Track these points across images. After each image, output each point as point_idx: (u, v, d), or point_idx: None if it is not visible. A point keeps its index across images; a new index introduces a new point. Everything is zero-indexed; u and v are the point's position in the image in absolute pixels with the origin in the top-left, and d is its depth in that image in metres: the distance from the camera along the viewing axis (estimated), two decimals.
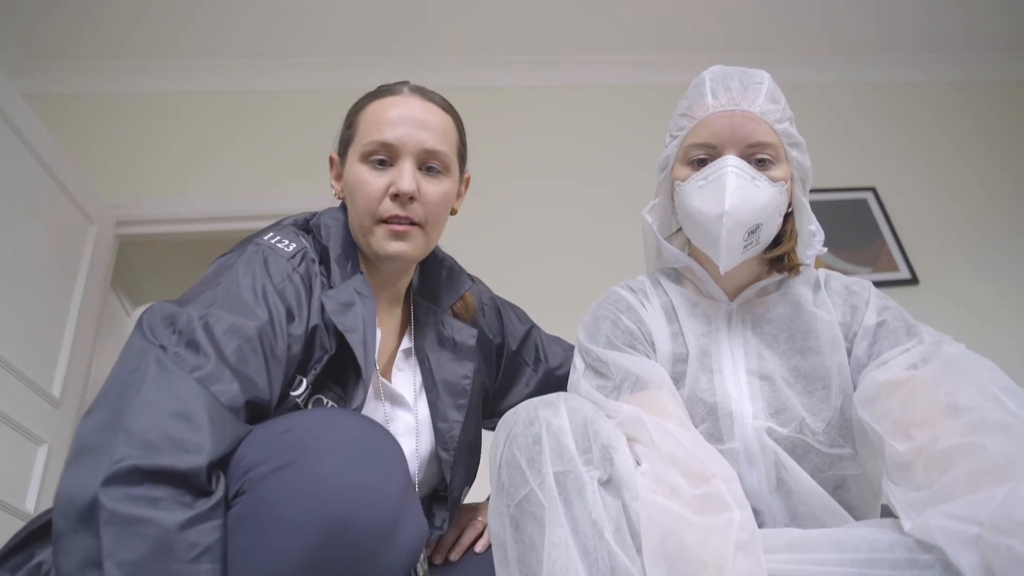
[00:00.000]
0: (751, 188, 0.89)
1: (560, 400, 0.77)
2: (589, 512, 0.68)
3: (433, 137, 0.98)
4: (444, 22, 2.79)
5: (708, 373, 0.93)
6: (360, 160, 0.97)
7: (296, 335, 0.83)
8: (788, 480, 0.86)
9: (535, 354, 1.20)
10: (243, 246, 0.90)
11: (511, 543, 0.71)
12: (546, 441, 0.72)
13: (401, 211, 0.95)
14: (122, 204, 2.46)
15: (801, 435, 0.87)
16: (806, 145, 0.98)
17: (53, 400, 1.91)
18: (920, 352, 0.84)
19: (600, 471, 0.72)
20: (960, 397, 0.75)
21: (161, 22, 2.64)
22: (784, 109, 0.95)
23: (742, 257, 0.92)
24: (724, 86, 0.95)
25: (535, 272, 2.39)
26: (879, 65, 3.22)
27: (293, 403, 0.84)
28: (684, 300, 1.00)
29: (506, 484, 0.73)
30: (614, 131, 2.86)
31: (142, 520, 0.59)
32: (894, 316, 0.91)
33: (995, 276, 2.73)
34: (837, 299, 0.95)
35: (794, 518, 0.87)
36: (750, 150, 0.91)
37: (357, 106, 1.03)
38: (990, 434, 0.70)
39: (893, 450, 0.76)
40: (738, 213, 0.88)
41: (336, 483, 0.65)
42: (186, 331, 0.73)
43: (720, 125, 0.92)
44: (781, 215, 0.94)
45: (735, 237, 0.89)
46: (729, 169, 0.89)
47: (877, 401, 0.82)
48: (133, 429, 0.63)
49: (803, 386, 0.90)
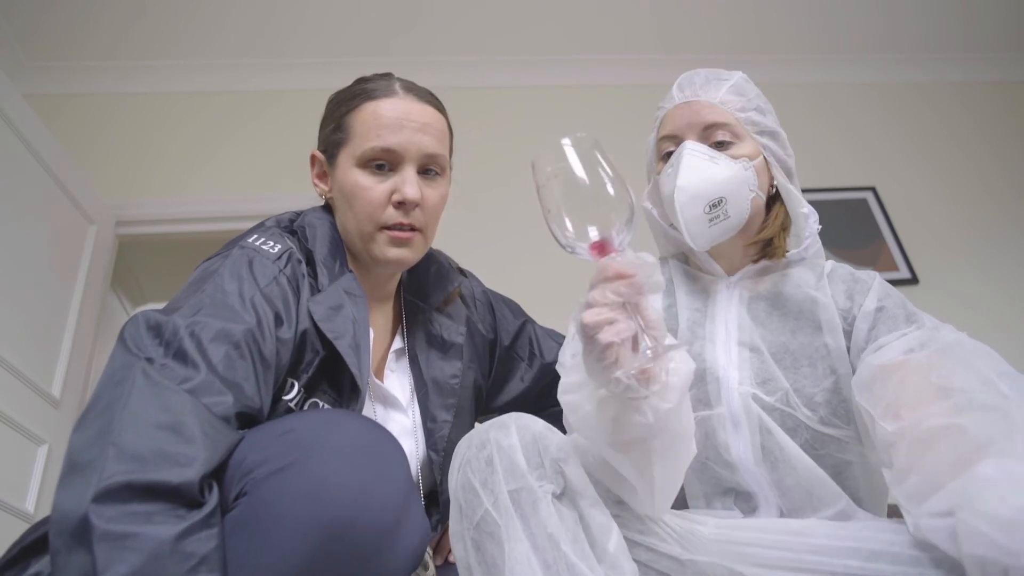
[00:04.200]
0: (708, 165, 0.93)
1: (511, 420, 0.77)
2: (545, 526, 0.69)
3: (433, 141, 0.96)
4: (442, 22, 2.79)
5: (700, 340, 0.96)
6: (358, 165, 0.94)
7: (285, 339, 0.81)
8: (773, 448, 0.87)
9: (529, 348, 1.19)
10: (227, 249, 0.88)
11: (475, 564, 0.72)
12: (498, 461, 0.73)
13: (405, 218, 0.94)
14: (122, 204, 2.46)
15: (789, 407, 0.88)
16: (787, 138, 1.01)
17: (53, 400, 1.91)
18: (918, 337, 0.84)
19: (553, 484, 0.72)
20: (953, 380, 0.75)
21: (160, 22, 2.63)
22: (752, 100, 0.99)
23: (711, 231, 0.93)
24: (689, 81, 1.01)
25: (534, 271, 2.39)
26: (879, 65, 3.21)
27: (286, 408, 0.83)
28: (685, 276, 1.04)
29: (463, 507, 0.73)
30: (614, 131, 2.84)
31: (135, 535, 0.58)
32: (894, 303, 0.91)
33: (995, 276, 2.72)
34: (840, 285, 0.96)
35: (783, 492, 0.87)
36: (707, 132, 0.96)
37: (347, 106, 0.99)
38: (974, 415, 0.70)
39: (882, 430, 0.78)
40: (692, 188, 0.92)
41: (338, 484, 0.64)
42: (173, 341, 0.72)
43: (679, 115, 0.99)
44: (751, 190, 0.95)
45: (692, 210, 0.92)
46: (686, 151, 0.94)
47: (873, 385, 0.82)
48: (122, 443, 0.63)
49: (790, 361, 0.92)
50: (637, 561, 0.75)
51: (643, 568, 0.76)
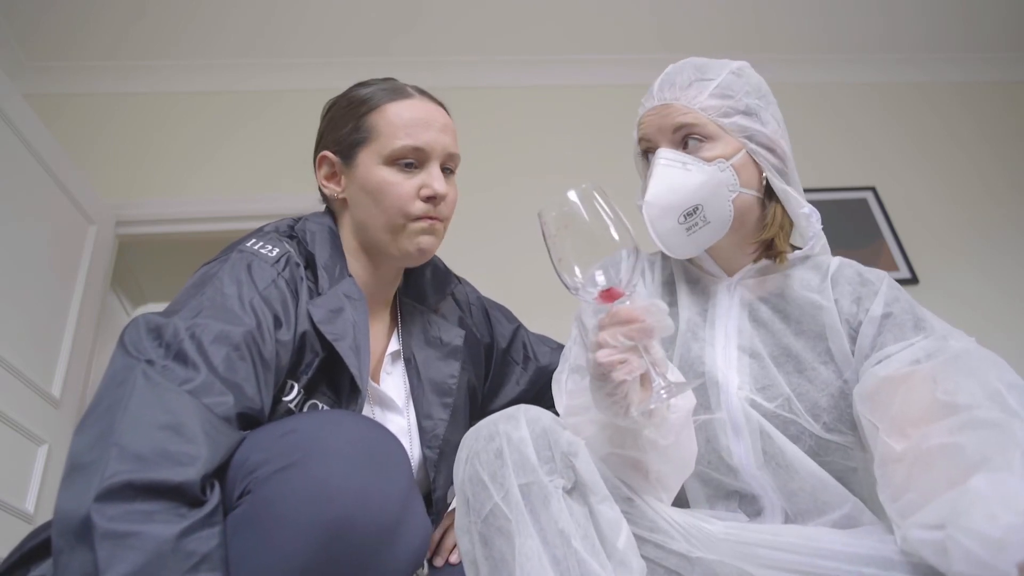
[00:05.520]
0: (680, 174, 0.91)
1: (520, 413, 0.76)
2: (555, 521, 0.69)
3: (453, 142, 1.02)
4: (442, 22, 2.79)
5: (700, 342, 0.95)
6: (385, 163, 0.97)
7: (284, 341, 0.82)
8: (775, 453, 0.86)
9: (524, 352, 1.21)
10: (226, 253, 0.89)
11: (481, 559, 0.71)
12: (508, 454, 0.72)
13: (433, 212, 0.98)
14: (122, 204, 2.46)
15: (791, 414, 0.87)
16: (786, 135, 0.98)
17: (53, 400, 1.91)
18: (924, 347, 0.82)
19: (563, 479, 0.72)
20: (958, 395, 0.73)
21: (160, 22, 2.63)
22: (740, 100, 0.94)
23: (693, 238, 0.92)
24: (671, 82, 0.97)
25: (534, 271, 2.38)
26: (879, 65, 3.21)
27: (286, 409, 0.83)
28: (687, 275, 1.02)
29: (471, 501, 0.73)
30: (614, 131, 2.84)
31: (136, 534, 0.58)
32: (902, 309, 0.88)
33: (996, 276, 2.72)
34: (847, 287, 0.93)
35: (787, 496, 0.86)
36: (677, 135, 0.94)
37: (366, 106, 1.00)
38: (975, 433, 0.68)
39: (887, 447, 0.76)
40: (662, 201, 0.91)
41: (339, 485, 0.65)
42: (173, 343, 0.72)
43: (650, 119, 0.97)
44: (731, 190, 0.92)
45: (664, 223, 0.91)
46: (658, 162, 0.93)
47: (877, 396, 0.81)
48: (124, 443, 0.63)
49: (792, 366, 0.90)
50: (645, 558, 0.74)
51: (651, 565, 0.75)
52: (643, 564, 0.72)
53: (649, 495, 0.79)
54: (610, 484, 0.76)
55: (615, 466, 0.78)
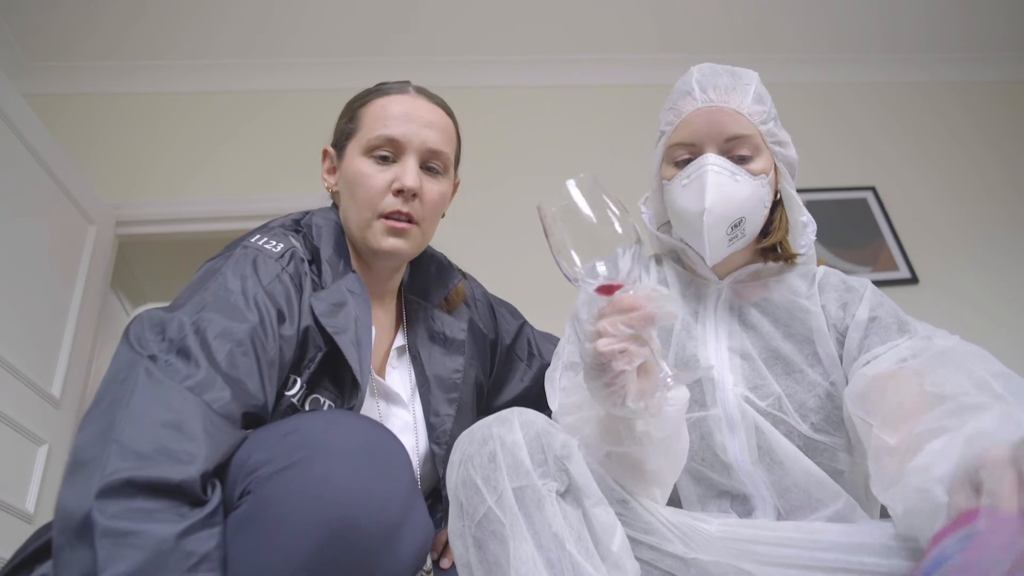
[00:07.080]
0: (731, 184, 0.91)
1: (513, 416, 0.76)
2: (550, 525, 0.68)
3: (437, 137, 0.99)
4: (440, 21, 2.79)
5: (694, 341, 0.96)
6: (363, 154, 0.97)
7: (287, 336, 0.82)
8: (768, 449, 0.87)
9: (528, 349, 1.21)
10: (230, 249, 0.89)
11: (476, 564, 0.70)
12: (501, 458, 0.72)
13: (403, 207, 0.95)
14: (122, 204, 2.46)
15: (781, 412, 0.89)
16: (791, 140, 0.99)
17: (53, 400, 1.91)
18: (910, 347, 0.84)
19: (557, 483, 0.72)
20: (945, 386, 0.75)
21: (160, 22, 2.63)
22: (770, 109, 0.97)
23: (729, 250, 0.93)
24: (712, 83, 0.96)
25: (534, 270, 2.38)
26: (879, 64, 3.21)
27: (288, 403, 0.83)
28: (680, 279, 1.04)
29: (464, 505, 0.72)
30: (613, 130, 2.85)
31: (136, 533, 0.58)
32: (887, 312, 0.91)
33: (995, 275, 2.72)
34: (833, 293, 0.95)
35: (780, 492, 0.87)
36: (728, 144, 0.93)
37: (360, 100, 1.03)
38: (962, 416, 0.69)
39: (880, 442, 0.77)
40: (718, 209, 0.90)
41: (341, 485, 0.65)
42: (177, 338, 0.72)
43: (699, 123, 0.94)
44: (766, 207, 0.95)
45: (717, 232, 0.91)
46: (709, 167, 0.91)
47: (868, 395, 0.82)
48: (124, 441, 0.63)
49: (781, 368, 0.92)
50: (640, 560, 0.74)
51: (646, 567, 0.75)
52: (637, 566, 0.72)
53: (645, 495, 0.79)
54: (604, 486, 0.76)
55: (612, 468, 0.78)
